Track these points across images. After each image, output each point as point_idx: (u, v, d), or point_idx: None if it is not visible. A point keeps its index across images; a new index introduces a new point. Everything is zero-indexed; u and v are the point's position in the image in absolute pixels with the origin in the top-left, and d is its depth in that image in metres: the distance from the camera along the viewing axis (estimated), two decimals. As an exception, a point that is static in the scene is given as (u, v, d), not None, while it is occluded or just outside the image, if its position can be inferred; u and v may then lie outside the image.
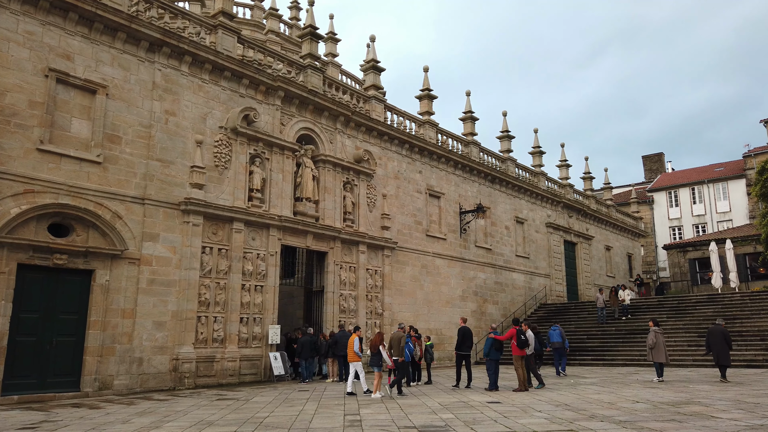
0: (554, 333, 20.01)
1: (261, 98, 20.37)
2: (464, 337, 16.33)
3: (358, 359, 14.51)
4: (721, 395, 12.75)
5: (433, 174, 27.59)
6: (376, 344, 13.94)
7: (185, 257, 17.40)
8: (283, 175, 20.62)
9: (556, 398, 12.83)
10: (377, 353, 13.89)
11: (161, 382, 16.44)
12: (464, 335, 16.39)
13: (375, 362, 14.00)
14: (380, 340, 14.10)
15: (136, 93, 17.02)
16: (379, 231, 24.08)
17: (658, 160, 61.09)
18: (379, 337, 14.17)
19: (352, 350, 14.49)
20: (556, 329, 20.11)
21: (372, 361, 14.26)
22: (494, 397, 13.16)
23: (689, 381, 16.42)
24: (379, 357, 13.86)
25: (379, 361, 13.84)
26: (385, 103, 25.50)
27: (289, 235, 20.53)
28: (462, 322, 17.06)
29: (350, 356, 14.56)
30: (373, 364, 14.12)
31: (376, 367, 13.97)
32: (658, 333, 17.34)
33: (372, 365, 14.35)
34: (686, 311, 27.23)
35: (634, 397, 12.71)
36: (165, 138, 17.44)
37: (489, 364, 15.06)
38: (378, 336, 14.17)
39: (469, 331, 16.59)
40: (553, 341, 19.84)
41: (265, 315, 19.36)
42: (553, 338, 19.90)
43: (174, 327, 16.95)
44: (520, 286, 32.18)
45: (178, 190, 17.55)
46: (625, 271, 44.26)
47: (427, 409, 11.09)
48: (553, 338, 19.90)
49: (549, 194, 35.62)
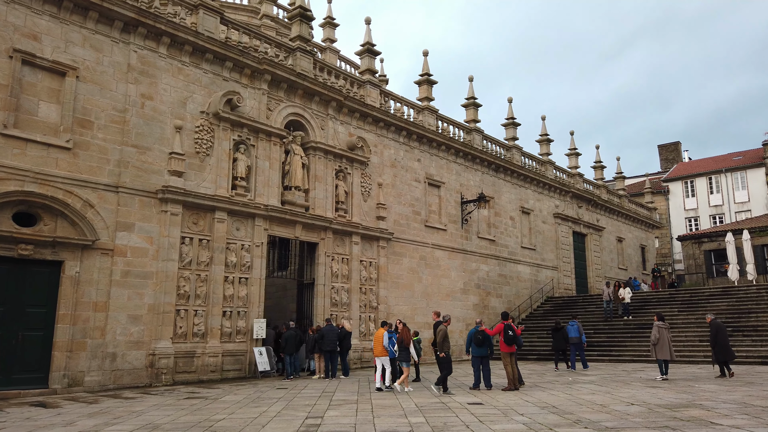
0: (572, 328, 19.88)
1: (246, 82, 19.48)
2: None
3: (386, 354, 14.36)
4: (726, 396, 11.67)
5: (432, 162, 26.56)
6: (406, 339, 13.89)
7: (163, 248, 16.61)
8: (270, 162, 19.74)
9: (545, 399, 11.83)
10: (405, 348, 13.85)
11: (137, 379, 15.70)
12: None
13: (403, 357, 13.93)
14: (409, 335, 14.08)
15: (110, 76, 16.21)
16: (374, 221, 23.13)
17: (674, 149, 59.29)
18: (407, 331, 14.14)
19: (381, 345, 14.38)
20: (574, 324, 20.02)
21: (400, 356, 14.12)
22: (479, 398, 12.20)
23: (696, 379, 15.31)
24: (407, 352, 13.85)
25: (407, 355, 13.84)
26: (381, 89, 24.50)
27: (276, 225, 19.67)
28: (435, 317, 16.11)
29: (378, 351, 14.45)
30: (401, 359, 14.03)
31: (404, 362, 13.91)
32: (662, 328, 16.23)
33: (400, 360, 14.20)
34: (698, 305, 25.97)
35: (630, 398, 11.67)
36: (141, 123, 16.63)
37: (473, 360, 14.09)
38: (405, 330, 14.14)
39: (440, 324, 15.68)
40: (571, 336, 19.77)
41: (251, 308, 18.53)
42: (570, 333, 19.82)
43: (151, 321, 16.18)
44: (525, 278, 31.07)
45: (155, 178, 16.75)
46: (638, 264, 42.88)
47: (399, 412, 10.17)
48: (570, 333, 19.82)
49: (557, 184, 34.38)
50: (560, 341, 20.13)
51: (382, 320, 16.49)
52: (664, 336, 16.06)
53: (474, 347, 13.88)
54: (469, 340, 14.10)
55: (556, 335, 20.28)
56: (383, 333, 14.53)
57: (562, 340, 20.03)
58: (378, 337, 14.61)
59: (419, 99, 26.95)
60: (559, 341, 20.15)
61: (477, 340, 13.74)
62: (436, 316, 15.67)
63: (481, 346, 13.79)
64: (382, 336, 14.46)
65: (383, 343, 14.35)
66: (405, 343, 13.90)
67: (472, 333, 14.00)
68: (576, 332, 19.75)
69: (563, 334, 20.01)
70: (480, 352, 13.85)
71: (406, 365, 13.96)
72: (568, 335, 19.83)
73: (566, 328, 20.17)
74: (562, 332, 20.07)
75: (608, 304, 26.58)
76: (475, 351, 13.89)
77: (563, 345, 20.10)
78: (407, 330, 14.20)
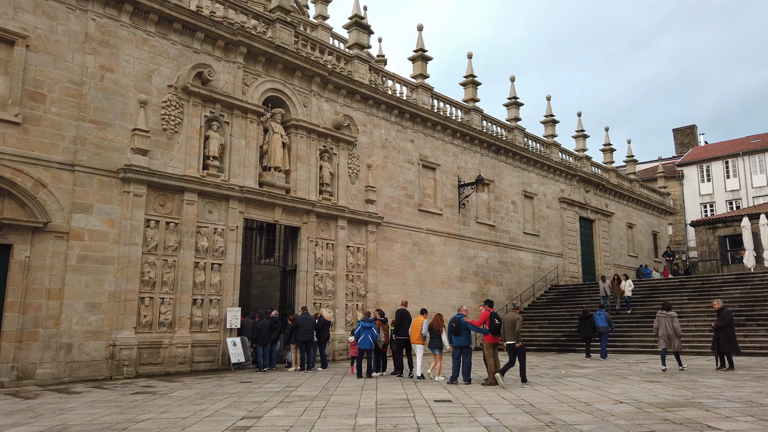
0: (599, 317, 19.64)
1: (220, 55, 18.24)
2: (402, 321, 14.17)
3: (423, 342, 14.24)
4: (732, 393, 10.29)
5: (427, 143, 25.16)
6: (438, 327, 13.66)
7: (125, 231, 15.48)
8: (246, 141, 18.52)
9: (526, 395, 10.53)
10: (438, 336, 13.60)
11: (95, 371, 14.63)
12: (402, 318, 14.22)
13: (435, 345, 13.67)
14: (441, 322, 13.79)
15: (65, 45, 15.05)
16: (363, 205, 21.84)
17: (690, 133, 57.14)
18: (439, 318, 13.84)
19: (419, 332, 14.21)
20: (601, 313, 19.82)
21: (432, 344, 13.86)
22: (452, 393, 10.92)
23: (700, 373, 13.90)
24: (439, 339, 13.59)
25: (439, 343, 13.57)
26: (370, 64, 23.12)
27: (253, 208, 18.47)
28: (402, 305, 14.91)
29: (415, 338, 14.33)
30: (434, 346, 13.77)
31: (437, 349, 13.64)
32: (662, 317, 14.96)
33: (432, 348, 13.91)
34: (710, 293, 24.40)
35: (621, 395, 10.33)
36: (100, 97, 15.47)
37: (452, 351, 12.81)
38: (438, 318, 13.84)
39: (407, 314, 14.45)
40: (599, 325, 19.52)
41: (224, 296, 17.39)
42: (598, 322, 19.56)
43: (111, 309, 15.08)
44: (528, 265, 29.62)
45: (116, 156, 15.60)
46: (650, 251, 41.17)
47: (352, 411, 8.93)
48: (598, 322, 19.56)
49: (563, 167, 32.79)
50: (587, 330, 19.73)
51: (422, 308, 15.77)
52: (663, 325, 14.80)
53: (453, 337, 12.60)
54: (448, 329, 12.82)
55: (583, 324, 19.84)
56: (422, 321, 14.31)
57: (590, 329, 19.67)
58: (416, 325, 14.43)
59: (413, 76, 25.52)
60: (587, 330, 19.74)
61: (452, 329, 12.44)
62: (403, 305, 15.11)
63: (458, 335, 12.50)
64: (421, 324, 14.26)
65: (421, 331, 14.17)
66: (437, 331, 13.69)
67: (450, 322, 12.71)
68: (604, 321, 19.54)
69: (591, 322, 19.65)
70: (458, 342, 12.56)
71: (438, 352, 13.70)
72: (596, 324, 19.55)
73: (593, 316, 19.77)
74: (590, 321, 19.69)
75: (605, 299, 24.91)
76: (454, 341, 12.61)
77: (590, 334, 19.71)
78: (440, 318, 13.91)
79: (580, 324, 20.04)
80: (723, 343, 14.45)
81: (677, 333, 14.80)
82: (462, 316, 12.72)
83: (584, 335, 19.90)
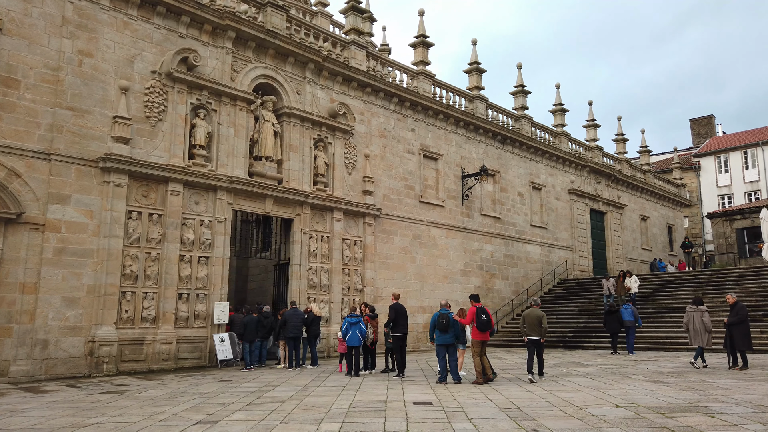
0: (626, 311, 19.16)
1: (207, 40, 17.52)
2: (397, 316, 13.34)
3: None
4: (743, 395, 9.37)
5: (429, 132, 24.30)
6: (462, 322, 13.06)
7: (105, 223, 14.83)
8: (235, 129, 17.80)
9: (515, 397, 9.70)
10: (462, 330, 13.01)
11: (73, 368, 14.02)
12: (397, 313, 13.38)
13: (460, 340, 13.01)
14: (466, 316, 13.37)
15: (41, 29, 14.41)
16: (360, 196, 21.06)
17: (707, 123, 55.54)
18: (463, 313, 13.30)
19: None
20: (628, 308, 19.31)
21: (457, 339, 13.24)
22: (436, 395, 10.12)
23: (712, 372, 12.95)
24: (463, 334, 13.04)
25: (463, 338, 12.99)
26: (367, 50, 22.28)
27: (242, 199, 17.77)
28: (394, 299, 14.09)
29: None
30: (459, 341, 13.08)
31: (461, 344, 13.00)
32: (692, 312, 14.32)
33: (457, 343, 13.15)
34: (726, 286, 23.29)
35: (620, 397, 9.46)
36: (79, 83, 14.82)
37: (437, 350, 11.97)
38: (462, 312, 13.36)
39: (402, 308, 13.62)
40: (625, 319, 19.02)
41: (212, 291, 16.71)
42: (625, 316, 19.07)
43: (90, 304, 14.46)
44: (535, 259, 28.65)
45: (96, 145, 14.95)
46: (665, 244, 39.92)
47: (320, 414, 8.17)
48: (625, 316, 19.07)
49: (572, 157, 31.71)
50: (614, 324, 19.18)
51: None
52: (693, 320, 14.14)
53: (438, 334, 11.76)
54: (432, 325, 11.97)
55: (610, 318, 19.32)
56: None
57: (616, 323, 19.14)
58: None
59: (414, 63, 24.65)
60: (613, 324, 19.20)
61: (441, 325, 11.59)
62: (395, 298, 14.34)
63: (445, 333, 11.67)
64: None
65: None
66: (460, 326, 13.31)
67: (436, 317, 11.86)
68: (631, 315, 19.05)
69: (617, 317, 19.15)
70: (444, 340, 11.73)
71: (462, 347, 13.22)
72: (622, 318, 19.06)
73: (620, 310, 19.30)
74: (616, 315, 19.19)
75: (608, 298, 23.63)
76: (438, 338, 11.78)
77: (617, 328, 19.18)
78: (463, 312, 13.41)
79: (606, 318, 19.56)
80: (737, 340, 13.50)
81: (707, 328, 14.26)
82: (449, 312, 11.88)
83: (610, 330, 19.40)
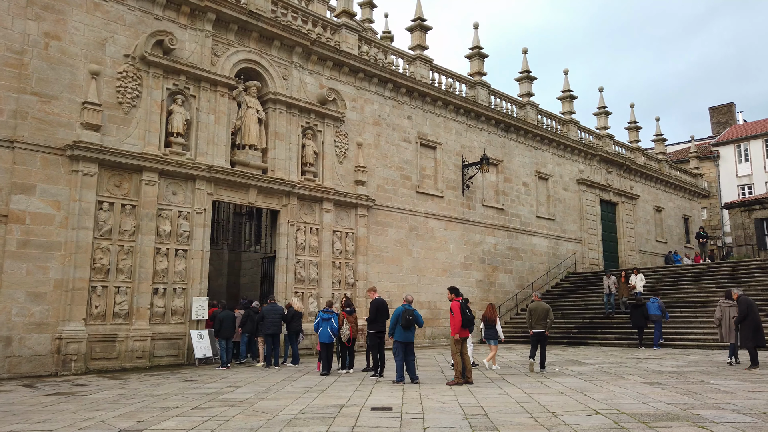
0: (652, 305, 18.72)
1: (185, 22, 16.72)
2: (378, 312, 12.37)
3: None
4: (744, 401, 8.33)
5: (426, 120, 23.30)
6: (492, 317, 13.70)
7: (73, 214, 14.12)
8: (216, 116, 17.00)
9: (487, 400, 8.75)
10: (492, 326, 13.65)
11: (39, 367, 13.34)
12: (378, 309, 12.42)
13: (491, 335, 13.71)
14: (495, 312, 13.95)
15: (3, 10, 13.72)
16: (352, 186, 20.16)
17: (727, 111, 53.62)
18: (492, 309, 13.95)
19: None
20: (654, 301, 18.85)
21: (487, 335, 13.92)
22: (401, 397, 9.20)
23: (716, 372, 11.85)
24: (493, 330, 13.64)
25: (494, 333, 13.60)
26: (360, 34, 21.33)
27: (224, 189, 16.97)
28: (373, 294, 13.15)
29: None
30: (489, 337, 13.82)
31: (492, 340, 13.65)
32: (725, 307, 13.39)
33: (488, 339, 13.95)
34: (741, 280, 22.03)
35: (604, 402, 8.47)
36: (45, 67, 14.11)
37: (394, 347, 10.99)
38: (491, 308, 13.96)
39: (384, 304, 12.67)
40: (651, 313, 18.62)
41: (190, 285, 15.96)
42: (651, 310, 18.67)
43: (58, 299, 13.78)
44: (541, 252, 27.53)
45: (63, 132, 14.23)
46: (681, 236, 38.47)
47: (261, 422, 7.31)
48: (651, 310, 18.67)
49: (581, 146, 30.46)
50: (639, 318, 18.83)
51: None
52: (726, 316, 13.31)
53: (399, 330, 10.80)
54: (394, 320, 10.99)
55: (635, 312, 18.96)
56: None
57: (641, 318, 18.78)
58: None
59: (411, 48, 23.65)
60: (638, 318, 18.85)
61: (406, 321, 10.65)
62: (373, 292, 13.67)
63: (408, 329, 10.73)
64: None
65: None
66: (491, 321, 13.71)
67: (400, 312, 10.90)
68: (657, 309, 18.61)
69: (643, 311, 18.75)
70: (406, 337, 10.78)
71: (494, 343, 13.68)
72: (648, 312, 18.65)
73: (646, 304, 18.84)
74: (642, 309, 18.79)
75: (609, 297, 22.31)
76: (400, 335, 10.81)
77: (642, 322, 18.80)
78: (492, 308, 14.00)
79: (632, 312, 19.13)
80: (741, 338, 12.42)
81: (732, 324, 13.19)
82: (412, 308, 10.95)
83: (635, 324, 18.95)
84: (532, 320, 12.99)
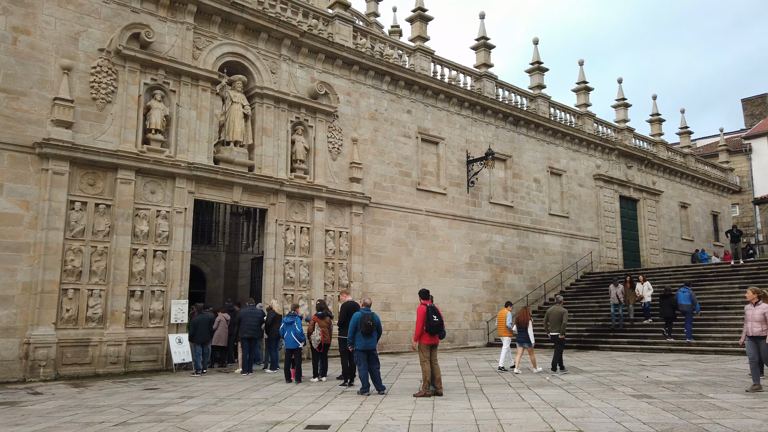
0: (683, 295, 17.95)
1: (164, 14, 16.13)
2: (349, 316, 11.44)
3: (510, 334, 14.28)
4: (735, 421, 7.24)
5: (427, 114, 22.34)
6: (525, 320, 13.66)
7: (43, 214, 13.63)
8: (198, 112, 16.38)
9: (445, 417, 7.82)
10: (524, 329, 13.61)
11: (6, 372, 12.87)
12: (348, 313, 11.49)
13: (524, 338, 13.66)
14: (528, 315, 13.91)
15: (-32, 5, 13.28)
16: (347, 184, 19.35)
17: (761, 102, 51.07)
18: (525, 312, 13.95)
19: (504, 325, 14.36)
20: (685, 291, 18.10)
21: (520, 338, 13.83)
22: (350, 409, 8.32)
23: (721, 384, 10.64)
24: (525, 333, 13.62)
25: (525, 336, 13.62)
26: (354, 25, 20.51)
27: (206, 187, 16.34)
28: (345, 296, 12.25)
29: (502, 331, 14.52)
30: (522, 340, 13.76)
31: (526, 343, 13.66)
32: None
33: (521, 342, 13.87)
34: (766, 279, 20.53)
35: (574, 420, 7.47)
36: (13, 62, 13.64)
37: (356, 356, 10.09)
38: (525, 311, 13.97)
39: (355, 306, 11.73)
40: (680, 303, 17.89)
41: (170, 287, 15.35)
42: (681, 300, 17.93)
43: (26, 302, 13.29)
44: (554, 251, 26.29)
45: (33, 129, 13.75)
46: (709, 234, 36.66)
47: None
48: (681, 300, 17.93)
49: (598, 140, 29.09)
50: (667, 309, 18.18)
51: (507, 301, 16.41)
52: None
53: (359, 338, 9.91)
54: (353, 327, 10.10)
55: (664, 302, 18.32)
56: (506, 313, 14.39)
57: (670, 308, 18.12)
58: (500, 318, 14.58)
59: (411, 39, 22.74)
60: (666, 309, 18.21)
61: (366, 328, 9.76)
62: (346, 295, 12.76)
63: (369, 336, 9.83)
64: (505, 317, 14.33)
65: (506, 323, 14.24)
66: (523, 324, 13.62)
67: (359, 318, 10.00)
68: (687, 299, 17.83)
69: (671, 301, 18.09)
70: (367, 345, 9.89)
71: (528, 345, 13.70)
72: (678, 302, 17.91)
73: (677, 294, 18.15)
74: (671, 300, 18.13)
75: (617, 308, 20.24)
76: (360, 343, 9.92)
77: (671, 313, 18.16)
78: (526, 311, 13.99)
79: (661, 302, 18.49)
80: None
81: None
82: (372, 313, 10.05)
83: (664, 314, 18.35)
84: (549, 324, 13.63)
